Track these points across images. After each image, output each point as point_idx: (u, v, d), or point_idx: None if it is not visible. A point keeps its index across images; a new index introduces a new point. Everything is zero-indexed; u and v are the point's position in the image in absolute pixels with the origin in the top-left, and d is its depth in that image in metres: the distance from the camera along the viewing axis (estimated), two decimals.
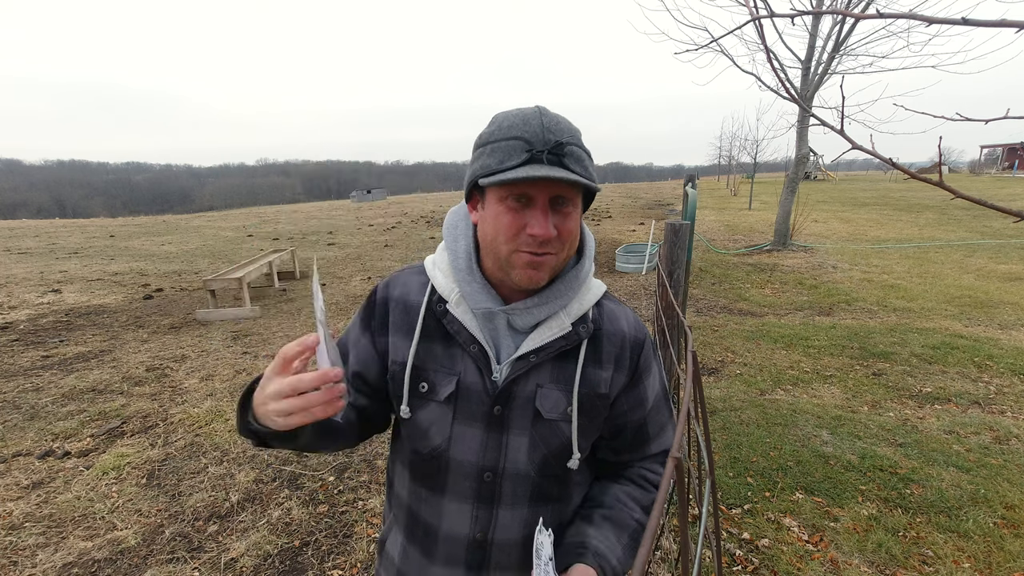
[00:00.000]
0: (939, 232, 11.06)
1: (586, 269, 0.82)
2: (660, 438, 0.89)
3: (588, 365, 0.81)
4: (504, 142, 0.70)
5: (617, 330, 0.84)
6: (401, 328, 0.83)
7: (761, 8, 7.25)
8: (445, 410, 0.79)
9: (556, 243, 0.72)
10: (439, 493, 0.82)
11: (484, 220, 0.75)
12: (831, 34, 8.39)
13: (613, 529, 0.82)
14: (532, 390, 0.79)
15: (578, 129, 0.74)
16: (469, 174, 0.75)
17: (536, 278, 0.74)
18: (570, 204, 0.73)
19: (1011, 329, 4.98)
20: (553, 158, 0.69)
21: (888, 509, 2.41)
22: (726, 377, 4.00)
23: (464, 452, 0.80)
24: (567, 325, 0.79)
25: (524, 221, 0.71)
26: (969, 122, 0.61)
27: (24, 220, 21.85)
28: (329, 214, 20.40)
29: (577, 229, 0.76)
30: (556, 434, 0.80)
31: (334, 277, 8.01)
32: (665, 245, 2.52)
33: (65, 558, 2.17)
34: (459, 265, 0.80)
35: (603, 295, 0.86)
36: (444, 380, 0.80)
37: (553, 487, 0.82)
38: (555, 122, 0.71)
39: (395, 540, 0.89)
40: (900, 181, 31.17)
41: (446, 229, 0.84)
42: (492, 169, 0.70)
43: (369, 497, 2.58)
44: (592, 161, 0.75)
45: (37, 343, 4.89)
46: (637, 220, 14.76)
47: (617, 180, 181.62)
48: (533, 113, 0.72)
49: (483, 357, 0.79)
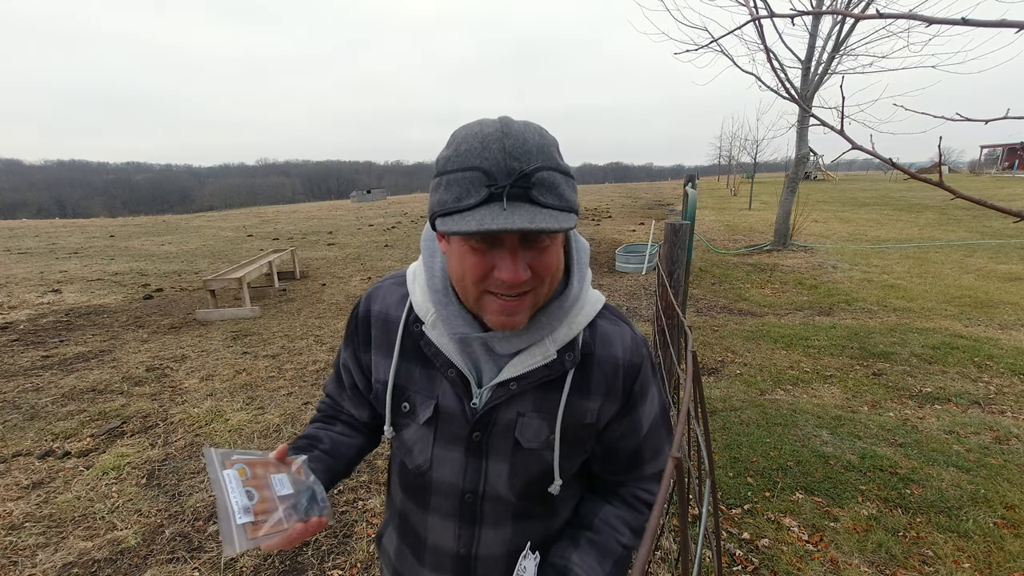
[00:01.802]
0: (939, 232, 11.06)
1: (574, 294, 0.74)
2: (656, 460, 0.85)
3: (574, 395, 0.75)
4: (461, 173, 0.59)
5: (610, 356, 0.77)
6: (382, 346, 0.80)
7: (761, 8, 7.24)
8: (426, 432, 0.77)
9: (532, 281, 0.64)
10: (424, 509, 0.82)
11: (450, 256, 0.68)
12: (831, 34, 8.39)
13: (597, 555, 0.79)
14: (512, 418, 0.74)
15: (552, 141, 0.63)
16: (428, 206, 0.66)
17: (511, 323, 0.66)
18: (546, 237, 0.63)
19: (1011, 329, 4.98)
20: (518, 191, 0.58)
21: (888, 509, 2.41)
22: (726, 377, 4.00)
23: (445, 474, 0.78)
24: (552, 353, 0.72)
25: (491, 263, 0.62)
26: (969, 122, 0.61)
27: (24, 220, 21.85)
28: (329, 214, 20.40)
29: (557, 261, 0.67)
30: (537, 462, 0.76)
31: (334, 277, 8.01)
32: (665, 245, 2.52)
33: (65, 558, 2.17)
34: (435, 285, 0.73)
35: (598, 313, 0.78)
36: (423, 403, 0.77)
37: (536, 507, 0.80)
38: (519, 144, 0.59)
39: (391, 537, 0.91)
40: (900, 181, 31.17)
41: (424, 242, 0.77)
42: (448, 208, 0.60)
43: (369, 497, 2.58)
44: (572, 180, 0.64)
45: (37, 343, 4.89)
46: (637, 220, 14.76)
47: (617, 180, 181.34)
48: (494, 134, 0.59)
49: (461, 383, 0.75)
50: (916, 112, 0.70)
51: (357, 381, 0.87)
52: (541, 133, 0.63)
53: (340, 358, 0.90)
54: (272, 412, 3.44)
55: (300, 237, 13.02)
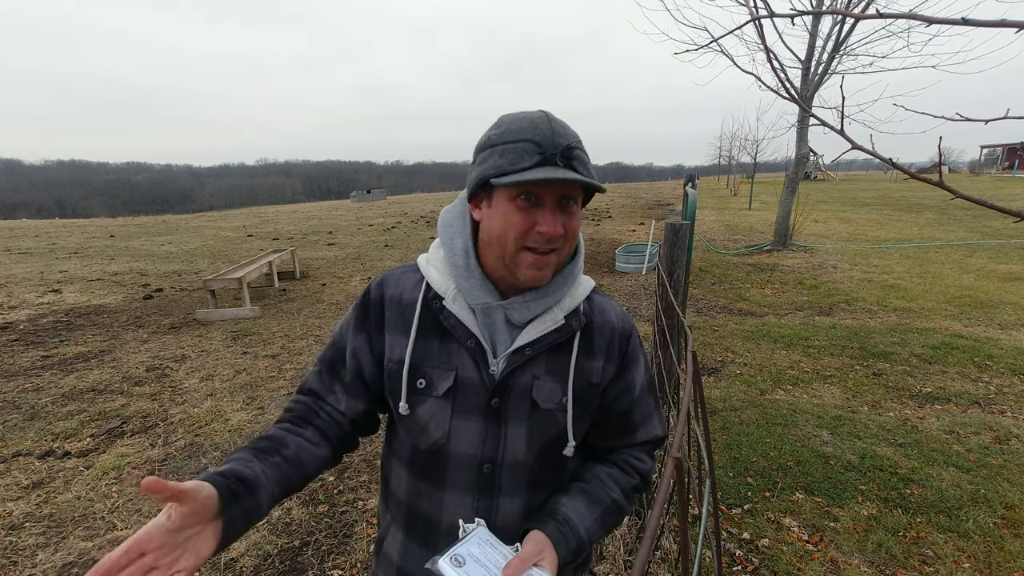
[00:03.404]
0: (939, 232, 11.06)
1: (579, 265, 0.87)
2: (645, 427, 0.93)
3: (581, 356, 0.85)
4: (515, 144, 0.73)
5: (606, 322, 0.88)
6: (397, 326, 0.84)
7: (761, 8, 7.24)
8: (444, 405, 0.81)
9: (561, 240, 0.76)
10: (440, 487, 0.84)
11: (491, 218, 0.78)
12: (831, 34, 8.39)
13: (586, 501, 0.85)
14: (528, 382, 0.82)
15: (579, 135, 0.79)
16: (478, 173, 0.77)
17: (540, 277, 0.77)
18: (575, 204, 0.77)
19: (1011, 329, 4.98)
20: (564, 161, 0.73)
21: (888, 509, 2.41)
22: (726, 377, 4.00)
23: (464, 445, 0.82)
24: (560, 319, 0.83)
25: (534, 220, 0.74)
26: (969, 122, 0.61)
27: (24, 220, 21.86)
28: (329, 214, 20.40)
29: (579, 227, 0.80)
30: (552, 423, 0.83)
31: (334, 277, 8.01)
32: (665, 245, 2.52)
33: (65, 558, 2.17)
34: (456, 262, 0.82)
35: (592, 289, 0.90)
36: (442, 375, 0.81)
37: (549, 473, 0.86)
38: (562, 127, 0.75)
39: (394, 539, 0.90)
40: (900, 181, 31.16)
41: (442, 227, 0.87)
42: (505, 169, 0.73)
43: (369, 497, 2.58)
44: (591, 163, 0.79)
45: (37, 343, 4.89)
46: (637, 220, 14.76)
47: (617, 180, 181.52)
48: (541, 117, 0.75)
49: (480, 351, 0.81)
50: (916, 112, 0.70)
51: (365, 367, 0.86)
52: (570, 126, 0.78)
53: (341, 350, 0.88)
54: (272, 412, 3.44)
55: (300, 237, 13.02)
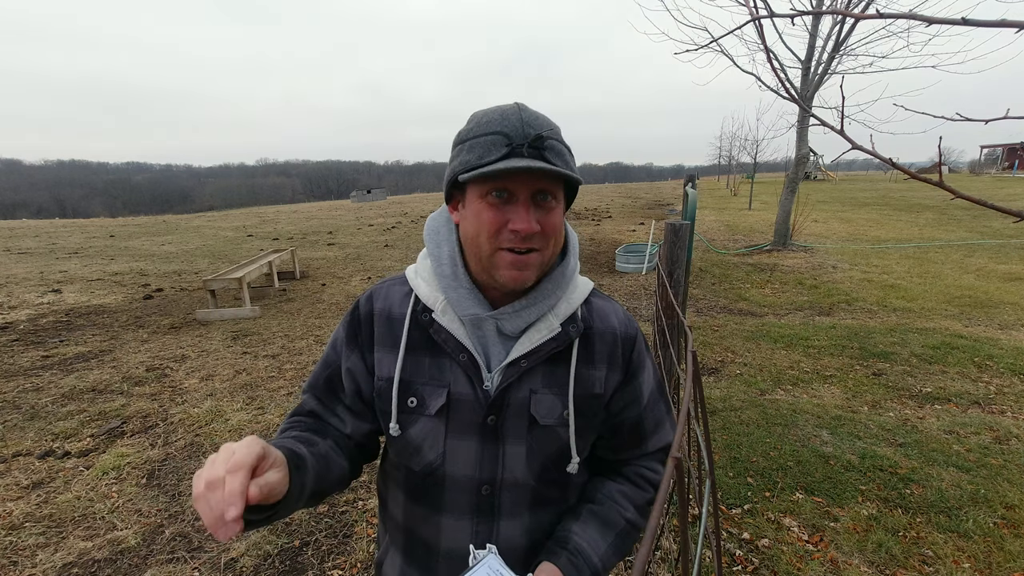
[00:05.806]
0: (939, 232, 11.06)
1: (571, 266, 0.81)
2: (657, 434, 0.87)
3: (581, 366, 0.79)
4: (483, 137, 0.69)
5: (608, 327, 0.82)
6: (386, 342, 0.80)
7: (761, 8, 7.25)
8: (437, 424, 0.76)
9: (540, 239, 0.71)
10: (437, 510, 0.79)
11: (465, 218, 0.74)
12: (831, 34, 8.39)
13: (599, 526, 0.80)
14: (525, 396, 0.76)
15: (558, 126, 0.73)
16: (448, 172, 0.74)
17: (521, 278, 0.72)
18: (552, 199, 0.71)
19: (1011, 329, 4.98)
20: (533, 151, 0.68)
21: (888, 509, 2.41)
22: (726, 377, 4.00)
23: (460, 467, 0.77)
24: (556, 326, 0.77)
25: (506, 217, 0.69)
26: (969, 122, 0.61)
27: (24, 220, 21.86)
28: (329, 214, 20.40)
29: (561, 224, 0.75)
30: (553, 439, 0.78)
31: (334, 277, 8.01)
32: (665, 245, 2.52)
33: (65, 558, 2.17)
34: (443, 271, 0.77)
35: (591, 292, 0.84)
36: (434, 393, 0.76)
37: (552, 492, 0.81)
38: (534, 117, 0.70)
39: (393, 563, 0.86)
40: (900, 181, 31.16)
41: (427, 235, 0.82)
42: (472, 164, 0.69)
43: (369, 497, 2.58)
44: (572, 157, 0.73)
45: (37, 343, 4.89)
46: (637, 220, 14.76)
47: (617, 180, 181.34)
48: (512, 108, 0.71)
49: (473, 366, 0.76)
50: (916, 112, 0.70)
51: (363, 386, 0.81)
52: (548, 117, 0.73)
53: (337, 369, 0.83)
54: (272, 412, 3.44)
55: (300, 237, 13.02)
